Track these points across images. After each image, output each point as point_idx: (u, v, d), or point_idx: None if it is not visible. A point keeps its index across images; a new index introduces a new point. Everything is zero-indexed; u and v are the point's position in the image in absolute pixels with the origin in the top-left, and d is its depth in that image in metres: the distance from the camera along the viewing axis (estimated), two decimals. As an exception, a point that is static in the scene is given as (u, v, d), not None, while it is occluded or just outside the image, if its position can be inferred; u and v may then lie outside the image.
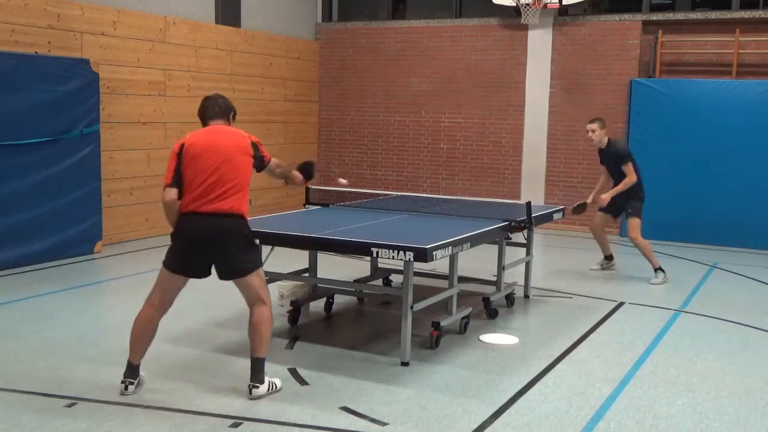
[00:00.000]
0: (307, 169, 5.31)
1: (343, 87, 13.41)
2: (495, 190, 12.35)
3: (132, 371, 4.78)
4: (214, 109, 4.93)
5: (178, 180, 4.72)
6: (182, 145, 4.77)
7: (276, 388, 4.81)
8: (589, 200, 8.67)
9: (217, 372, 5.18)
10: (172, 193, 4.70)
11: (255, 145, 4.87)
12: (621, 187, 8.19)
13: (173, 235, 4.79)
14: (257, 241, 4.87)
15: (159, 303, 4.79)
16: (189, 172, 4.70)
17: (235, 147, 4.76)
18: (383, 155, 13.24)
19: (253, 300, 4.77)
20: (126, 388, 4.73)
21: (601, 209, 8.54)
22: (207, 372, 5.18)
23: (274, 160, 5.02)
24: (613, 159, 8.31)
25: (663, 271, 8.36)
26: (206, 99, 5.00)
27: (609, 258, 8.93)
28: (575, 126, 11.77)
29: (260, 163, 4.91)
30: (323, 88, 13.54)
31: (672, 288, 8.11)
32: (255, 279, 4.74)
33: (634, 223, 8.26)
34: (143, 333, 4.78)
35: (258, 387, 4.71)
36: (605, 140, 8.35)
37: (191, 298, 6.60)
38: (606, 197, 8.25)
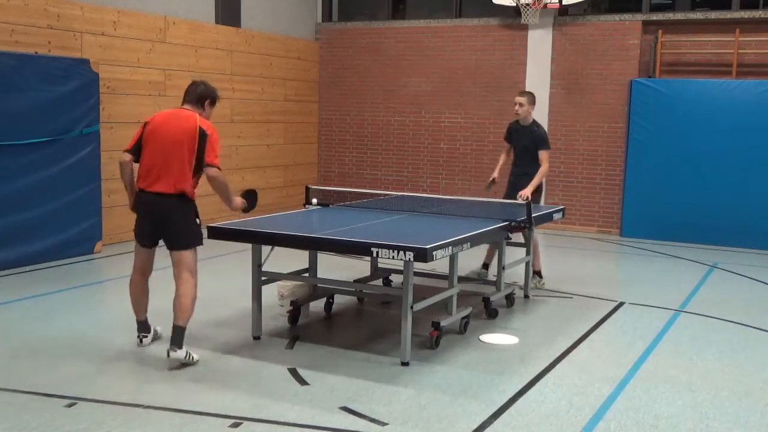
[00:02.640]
0: (250, 198, 5.66)
1: (343, 87, 13.41)
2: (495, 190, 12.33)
3: (142, 326, 5.57)
4: (189, 95, 5.37)
5: (136, 149, 5.33)
6: (146, 123, 5.34)
7: (192, 360, 5.21)
8: (495, 175, 8.10)
9: (217, 372, 5.18)
10: (125, 156, 5.36)
11: (203, 134, 5.15)
12: (539, 178, 7.68)
13: (133, 209, 5.53)
14: (198, 221, 5.35)
15: (139, 269, 5.58)
16: (143, 150, 5.30)
17: (182, 133, 5.15)
18: (383, 155, 13.24)
19: (181, 272, 5.29)
20: (141, 341, 5.57)
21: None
22: (207, 372, 5.18)
23: (212, 172, 5.15)
24: (529, 140, 7.78)
25: (541, 277, 7.95)
26: (189, 84, 5.46)
27: (486, 266, 8.22)
28: (575, 126, 11.78)
29: (199, 161, 5.18)
30: (323, 88, 13.54)
31: (672, 288, 8.11)
32: (187, 255, 5.28)
33: None
34: (137, 295, 5.60)
35: (176, 351, 5.13)
36: (530, 118, 7.84)
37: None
38: (527, 192, 7.46)
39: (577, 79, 11.72)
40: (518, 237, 7.00)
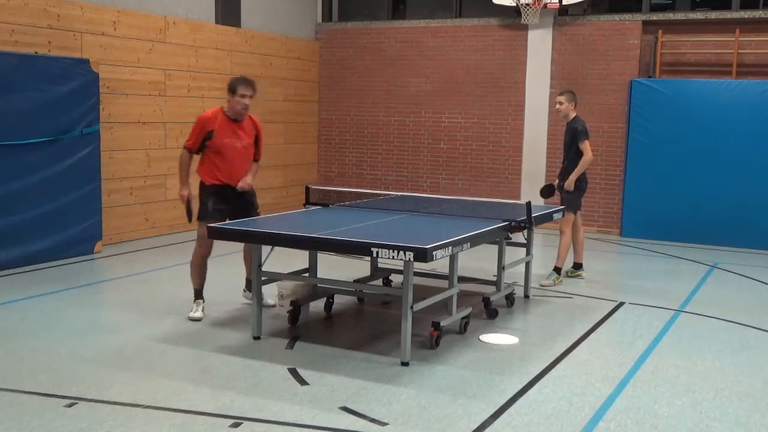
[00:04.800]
0: (190, 206, 6.50)
1: (343, 87, 13.41)
2: (495, 190, 12.35)
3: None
4: None
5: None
6: None
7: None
8: (556, 183, 8.40)
9: (217, 372, 5.18)
10: None
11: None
12: (581, 167, 8.00)
13: None
14: (208, 204, 6.33)
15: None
16: None
17: None
18: (383, 155, 13.24)
19: None
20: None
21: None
22: (207, 372, 5.18)
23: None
24: (569, 135, 8.14)
25: (559, 274, 8.11)
26: None
27: (578, 266, 8.51)
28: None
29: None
30: (323, 88, 13.54)
31: (672, 288, 8.11)
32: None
33: (567, 216, 8.02)
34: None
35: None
36: (572, 114, 8.13)
37: (190, 299, 6.60)
38: (569, 184, 8.04)
39: (577, 79, 11.71)
40: (518, 237, 6.99)
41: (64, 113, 8.57)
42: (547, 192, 8.46)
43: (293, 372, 5.17)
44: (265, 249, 5.84)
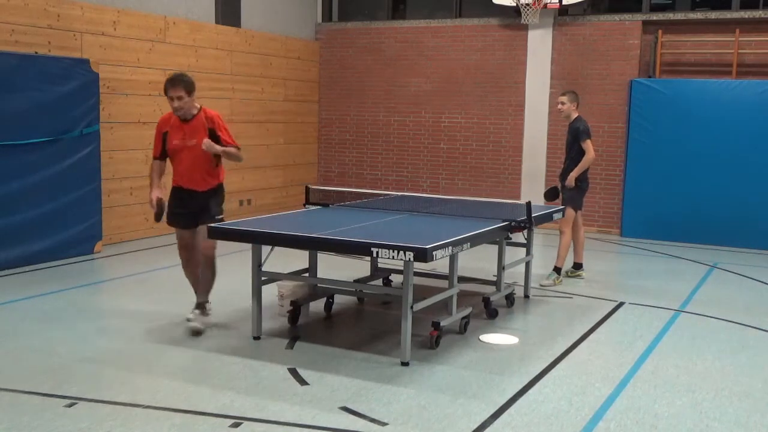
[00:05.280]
0: (160, 206, 6.29)
1: (343, 87, 13.41)
2: (495, 190, 12.35)
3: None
4: None
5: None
6: None
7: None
8: (559, 185, 8.40)
9: (217, 372, 5.18)
10: None
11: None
12: (582, 165, 8.02)
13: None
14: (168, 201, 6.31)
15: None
16: None
17: None
18: (383, 155, 13.24)
19: None
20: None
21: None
22: (207, 372, 5.18)
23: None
24: (572, 135, 8.16)
25: (559, 274, 8.12)
26: None
27: (578, 266, 8.53)
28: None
29: None
30: (323, 88, 13.54)
31: (672, 288, 8.11)
32: None
33: (568, 215, 8.02)
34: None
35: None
36: (574, 115, 8.18)
37: (191, 299, 6.61)
38: (570, 180, 8.06)
39: (577, 79, 11.71)
40: (518, 237, 6.99)
41: (64, 113, 8.57)
42: (551, 195, 8.45)
43: (293, 372, 5.17)
44: (265, 249, 5.84)
